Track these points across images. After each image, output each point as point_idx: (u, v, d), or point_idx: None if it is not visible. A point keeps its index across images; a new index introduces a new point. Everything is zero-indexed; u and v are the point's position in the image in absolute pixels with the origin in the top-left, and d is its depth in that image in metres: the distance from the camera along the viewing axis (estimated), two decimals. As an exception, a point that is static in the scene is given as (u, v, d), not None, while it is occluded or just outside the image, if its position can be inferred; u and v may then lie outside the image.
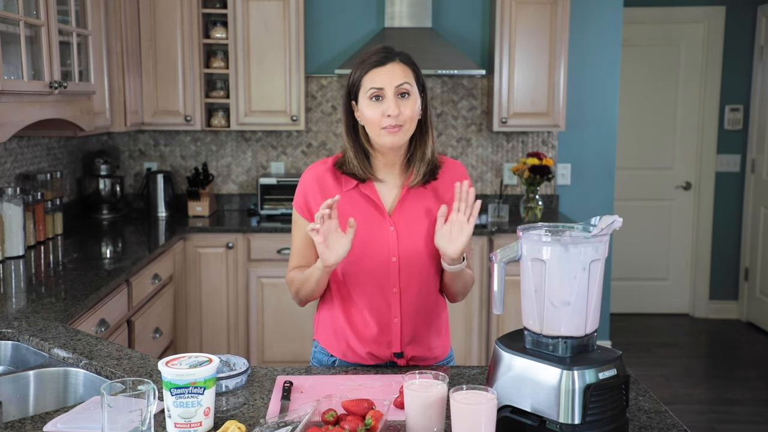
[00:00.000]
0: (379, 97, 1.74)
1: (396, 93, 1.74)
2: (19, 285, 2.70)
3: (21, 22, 2.55)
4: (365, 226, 1.78)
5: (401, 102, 1.74)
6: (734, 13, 5.35)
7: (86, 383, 1.84)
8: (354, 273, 1.82)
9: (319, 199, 1.80)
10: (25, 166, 3.57)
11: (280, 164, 4.55)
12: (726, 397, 4.19)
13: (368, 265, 1.80)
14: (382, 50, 1.79)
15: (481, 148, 4.56)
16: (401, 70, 1.76)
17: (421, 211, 1.82)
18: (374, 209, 1.81)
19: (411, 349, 1.86)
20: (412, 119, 1.76)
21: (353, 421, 1.38)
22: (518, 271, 1.44)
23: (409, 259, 1.80)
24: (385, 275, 1.81)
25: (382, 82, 1.74)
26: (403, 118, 1.74)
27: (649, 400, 1.60)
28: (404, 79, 1.75)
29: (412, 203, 1.82)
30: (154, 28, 4.06)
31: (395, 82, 1.74)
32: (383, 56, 1.77)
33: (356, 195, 1.82)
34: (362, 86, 1.77)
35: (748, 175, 5.46)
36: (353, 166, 1.81)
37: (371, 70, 1.76)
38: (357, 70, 1.79)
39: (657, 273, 5.68)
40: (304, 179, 1.86)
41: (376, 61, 1.76)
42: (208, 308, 3.99)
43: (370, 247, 1.79)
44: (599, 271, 1.37)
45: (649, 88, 5.49)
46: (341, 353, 1.89)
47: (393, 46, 1.85)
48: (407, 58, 1.80)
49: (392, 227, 1.80)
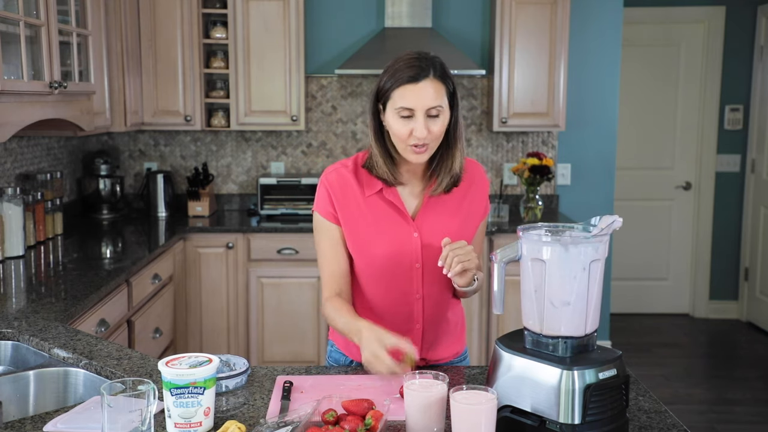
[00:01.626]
0: (408, 117, 1.67)
1: (426, 114, 1.66)
2: (19, 285, 2.70)
3: (21, 22, 2.55)
4: (389, 232, 1.76)
5: (430, 122, 1.67)
6: (734, 13, 5.34)
7: (86, 383, 1.84)
8: (377, 279, 1.79)
9: (343, 203, 1.77)
10: (25, 166, 3.57)
11: (280, 164, 4.55)
12: (726, 397, 4.19)
13: (392, 272, 1.77)
14: (416, 62, 1.67)
15: (481, 148, 4.56)
16: (434, 90, 1.66)
17: (444, 216, 1.79)
18: (398, 215, 1.77)
19: (431, 354, 1.86)
20: (439, 137, 1.70)
21: (353, 421, 1.38)
22: (518, 271, 1.44)
23: (432, 265, 1.76)
24: (408, 282, 1.79)
25: (413, 103, 1.65)
26: (431, 137, 1.68)
27: (649, 400, 1.60)
28: (436, 102, 1.66)
29: (435, 208, 1.79)
30: (154, 28, 4.06)
31: (427, 105, 1.65)
32: (417, 72, 1.66)
33: (379, 200, 1.77)
34: (391, 98, 1.68)
35: (748, 175, 5.46)
36: (382, 171, 1.75)
37: (403, 86, 1.66)
38: (388, 79, 1.69)
39: (657, 273, 5.68)
40: (328, 183, 1.79)
41: (410, 77, 1.65)
42: (208, 308, 3.99)
43: (394, 253, 1.76)
44: (599, 271, 1.37)
45: (649, 88, 5.49)
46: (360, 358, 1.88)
47: (426, 52, 1.73)
48: (442, 72, 1.69)
49: (416, 233, 1.77)
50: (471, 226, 1.84)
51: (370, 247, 1.77)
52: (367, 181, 1.78)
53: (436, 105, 1.66)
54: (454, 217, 1.80)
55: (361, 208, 1.77)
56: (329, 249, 1.80)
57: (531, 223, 1.56)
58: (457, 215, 1.80)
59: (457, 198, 1.81)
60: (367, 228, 1.77)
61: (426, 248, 1.77)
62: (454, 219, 1.79)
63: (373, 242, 1.76)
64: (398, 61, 1.70)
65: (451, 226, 1.78)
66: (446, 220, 1.79)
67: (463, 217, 1.81)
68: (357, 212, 1.77)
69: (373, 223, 1.77)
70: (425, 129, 1.65)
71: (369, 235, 1.77)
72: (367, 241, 1.77)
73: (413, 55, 1.70)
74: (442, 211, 1.79)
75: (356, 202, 1.77)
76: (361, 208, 1.77)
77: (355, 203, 1.77)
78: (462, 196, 1.81)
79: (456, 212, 1.80)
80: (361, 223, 1.77)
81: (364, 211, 1.76)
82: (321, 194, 1.80)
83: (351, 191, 1.77)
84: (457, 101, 1.73)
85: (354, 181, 1.78)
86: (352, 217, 1.77)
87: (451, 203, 1.80)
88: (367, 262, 1.79)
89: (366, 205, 1.77)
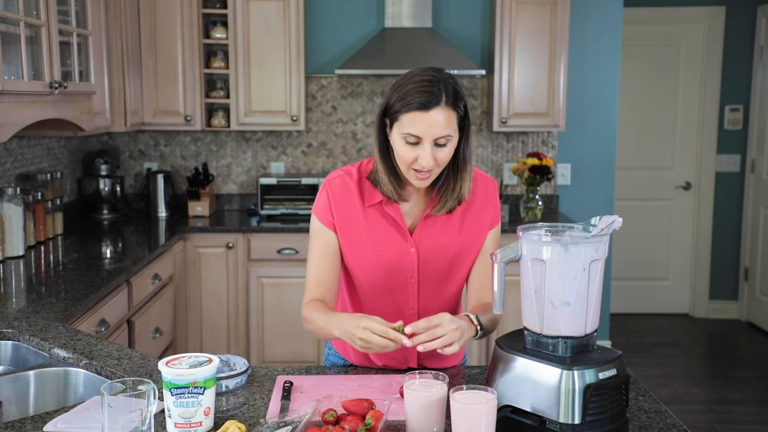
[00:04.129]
0: (415, 143, 1.61)
1: (434, 143, 1.60)
2: (20, 285, 2.70)
3: (21, 22, 2.55)
4: (385, 245, 1.73)
5: (437, 150, 1.61)
6: (734, 13, 5.35)
7: (86, 383, 1.84)
8: (372, 291, 1.78)
9: (343, 211, 1.74)
10: (25, 166, 3.57)
11: (280, 164, 4.55)
12: (726, 397, 4.19)
13: (387, 285, 1.76)
14: (428, 86, 1.59)
15: (481, 148, 4.56)
16: (445, 119, 1.58)
17: (445, 233, 1.75)
18: (396, 228, 1.74)
19: (428, 362, 1.84)
20: (445, 163, 1.65)
21: (353, 421, 1.38)
22: (518, 271, 1.44)
23: (429, 281, 1.75)
24: (404, 296, 1.77)
25: (421, 131, 1.58)
26: (437, 164, 1.63)
27: (649, 400, 1.60)
28: (446, 131, 1.59)
29: (436, 224, 1.75)
30: (154, 28, 4.06)
31: (436, 134, 1.58)
32: (428, 98, 1.58)
33: (379, 212, 1.74)
34: (399, 120, 1.61)
35: (748, 175, 5.46)
36: (387, 189, 1.70)
37: (412, 112, 1.58)
38: (398, 100, 1.61)
39: (657, 273, 5.68)
40: (330, 190, 1.76)
41: (420, 104, 1.57)
42: (208, 308, 3.99)
43: (389, 267, 1.74)
44: (599, 271, 1.37)
45: (649, 88, 5.49)
46: (358, 362, 1.87)
47: (439, 70, 1.64)
48: (454, 97, 1.60)
49: (413, 248, 1.74)
50: (476, 240, 1.78)
51: (366, 258, 1.75)
52: (369, 192, 1.74)
53: (445, 134, 1.60)
54: (455, 232, 1.76)
55: (360, 218, 1.74)
56: (320, 255, 1.77)
57: (531, 223, 1.56)
58: (460, 231, 1.76)
59: (459, 213, 1.76)
60: (364, 239, 1.74)
61: (423, 264, 1.74)
62: (456, 235, 1.75)
63: (369, 254, 1.74)
64: (410, 81, 1.62)
65: (453, 243, 1.75)
66: (447, 236, 1.75)
67: (466, 233, 1.77)
68: (355, 222, 1.75)
69: (370, 235, 1.74)
70: (431, 158, 1.60)
71: (365, 246, 1.74)
72: (363, 252, 1.75)
73: (426, 78, 1.61)
74: (443, 227, 1.75)
75: (356, 212, 1.75)
76: (360, 218, 1.74)
77: (355, 213, 1.75)
78: (464, 211, 1.76)
79: (458, 228, 1.76)
80: (358, 234, 1.75)
81: (363, 222, 1.74)
82: (321, 199, 1.77)
83: (352, 200, 1.74)
84: (468, 123, 1.66)
85: (356, 191, 1.75)
86: (350, 226, 1.75)
87: (452, 219, 1.76)
88: (363, 273, 1.77)
89: (365, 215, 1.74)
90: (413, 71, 1.65)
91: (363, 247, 1.74)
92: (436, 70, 1.65)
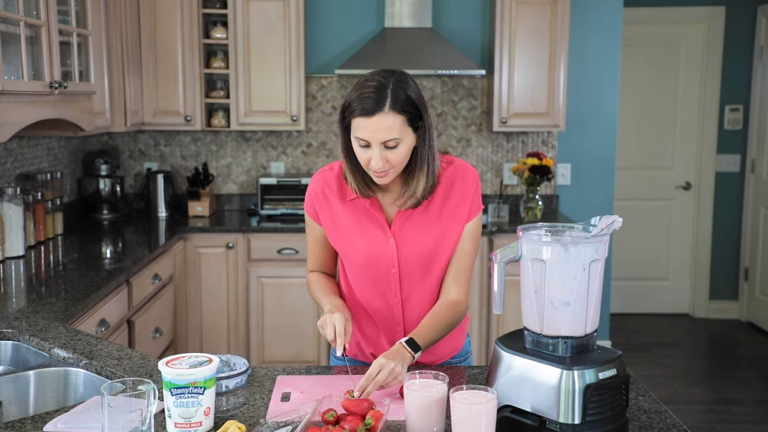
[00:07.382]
0: (366, 146, 1.66)
1: (383, 146, 1.64)
2: (20, 285, 2.70)
3: (21, 22, 2.55)
4: (366, 238, 1.80)
5: (388, 152, 1.65)
6: (734, 13, 5.34)
7: (86, 383, 1.84)
8: (359, 282, 1.86)
9: (324, 206, 1.83)
10: (25, 166, 3.57)
11: (280, 164, 4.55)
12: (726, 397, 4.19)
13: (371, 274, 1.82)
14: (373, 93, 1.63)
15: (481, 148, 4.56)
16: (390, 123, 1.62)
17: (420, 225, 1.79)
18: (374, 221, 1.80)
19: (424, 356, 1.85)
20: (401, 163, 1.69)
21: (353, 421, 1.38)
22: (518, 271, 1.44)
23: (408, 270, 1.80)
24: (387, 285, 1.83)
25: (367, 135, 1.63)
26: (390, 165, 1.67)
27: (649, 400, 1.60)
28: (391, 135, 1.62)
29: (413, 215, 1.79)
30: (154, 28, 4.06)
31: (381, 138, 1.63)
32: (371, 105, 1.61)
33: (359, 205, 1.81)
34: (351, 125, 1.66)
35: (748, 175, 5.46)
36: (353, 186, 1.77)
37: (357, 117, 1.63)
38: (347, 106, 1.66)
39: (657, 273, 5.68)
40: (312, 186, 1.86)
41: (362, 110, 1.62)
42: (208, 308, 3.99)
43: (370, 258, 1.80)
44: (599, 271, 1.37)
45: (649, 87, 5.49)
46: (352, 354, 1.94)
47: (390, 73, 1.67)
48: (400, 102, 1.63)
49: (392, 239, 1.79)
50: (454, 229, 1.79)
51: (349, 250, 1.83)
52: (348, 187, 1.81)
53: (391, 138, 1.63)
54: (432, 224, 1.79)
55: (342, 211, 1.82)
56: (313, 244, 1.93)
57: (531, 223, 1.56)
58: (437, 220, 1.79)
59: (437, 202, 1.79)
60: (347, 231, 1.82)
61: (402, 255, 1.79)
62: (433, 225, 1.79)
63: (352, 245, 1.82)
64: (359, 86, 1.66)
65: (430, 234, 1.79)
66: (423, 228, 1.79)
67: (443, 222, 1.79)
68: (338, 216, 1.83)
69: (351, 226, 1.81)
70: (381, 160, 1.65)
71: (348, 238, 1.82)
72: (346, 243, 1.83)
73: (372, 83, 1.64)
74: (420, 219, 1.79)
75: (338, 207, 1.83)
76: (342, 211, 1.82)
77: (337, 208, 1.83)
78: (442, 200, 1.79)
79: (436, 220, 1.79)
80: (341, 227, 1.83)
81: (344, 214, 1.81)
82: (307, 195, 1.88)
83: (332, 195, 1.83)
84: (425, 123, 1.68)
85: (336, 185, 1.83)
86: (333, 220, 1.84)
87: (429, 211, 1.79)
88: (348, 264, 1.86)
89: (346, 208, 1.82)
90: (365, 76, 1.70)
91: (346, 239, 1.83)
92: (387, 72, 1.68)
